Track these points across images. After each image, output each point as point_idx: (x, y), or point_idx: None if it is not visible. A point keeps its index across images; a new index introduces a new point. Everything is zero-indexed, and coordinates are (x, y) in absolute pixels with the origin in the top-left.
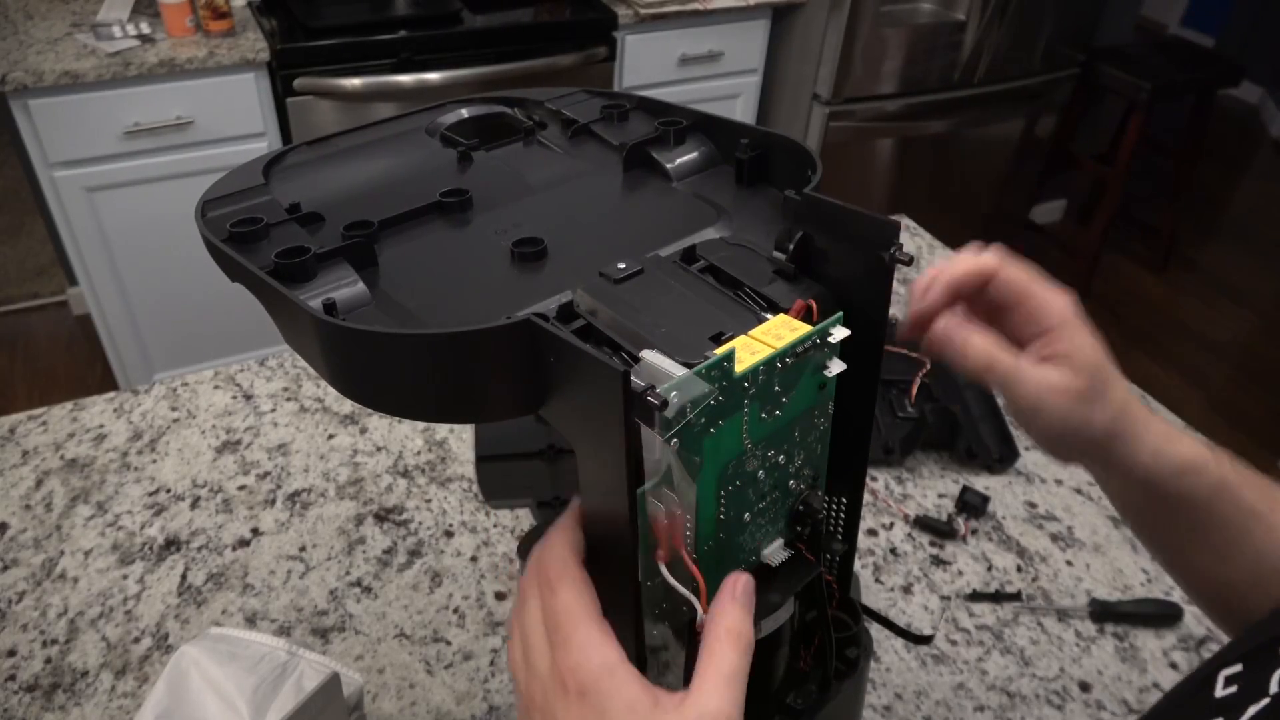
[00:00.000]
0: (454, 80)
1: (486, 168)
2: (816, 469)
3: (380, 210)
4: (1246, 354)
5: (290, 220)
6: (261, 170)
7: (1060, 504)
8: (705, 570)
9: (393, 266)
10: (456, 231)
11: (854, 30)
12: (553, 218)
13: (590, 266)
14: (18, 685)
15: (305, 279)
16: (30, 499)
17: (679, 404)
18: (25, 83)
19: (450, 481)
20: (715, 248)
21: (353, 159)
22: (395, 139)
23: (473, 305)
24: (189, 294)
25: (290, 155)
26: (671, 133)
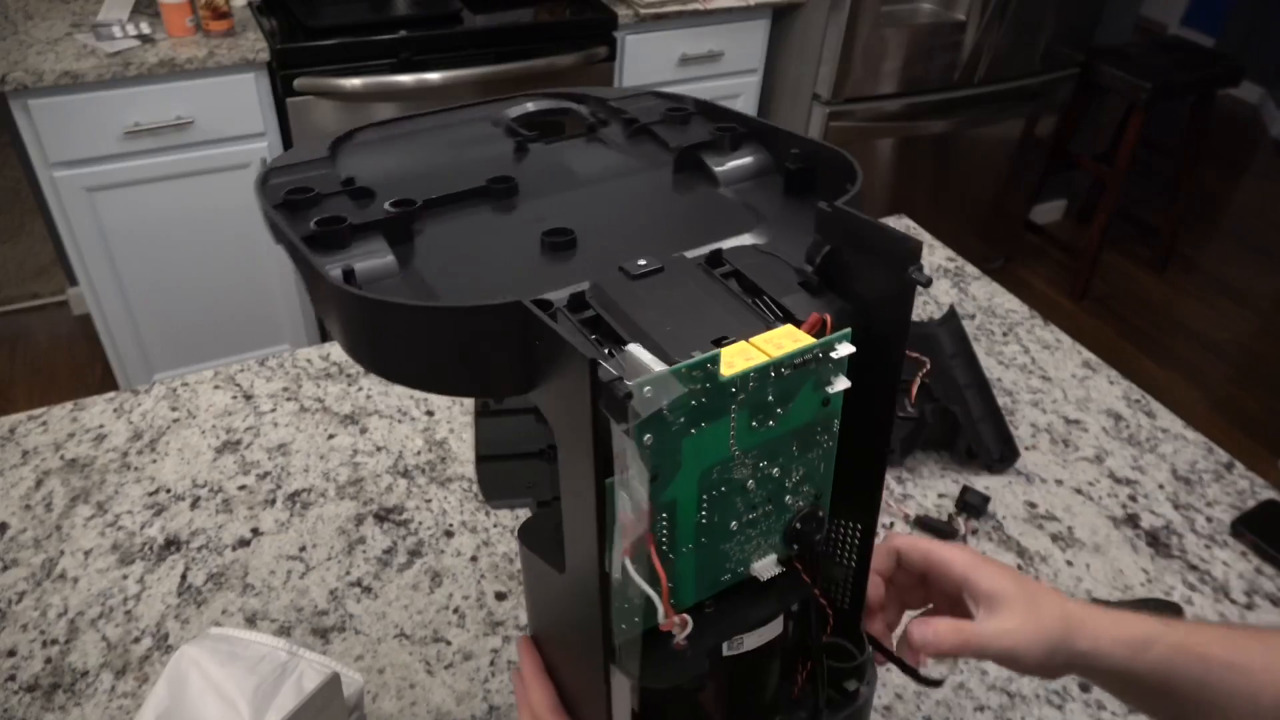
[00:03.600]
0: (454, 80)
1: (541, 159)
2: (819, 488)
3: (430, 191)
4: (1246, 354)
5: (342, 193)
6: (329, 145)
7: (1060, 504)
8: (685, 572)
9: (430, 244)
10: (498, 217)
11: (854, 30)
12: (592, 211)
13: (617, 260)
14: (18, 685)
15: (340, 247)
16: (30, 499)
17: (653, 399)
18: (25, 83)
19: (450, 481)
20: (744, 254)
21: (416, 141)
22: (460, 125)
23: (493, 286)
24: (189, 294)
25: (359, 134)
26: (727, 138)
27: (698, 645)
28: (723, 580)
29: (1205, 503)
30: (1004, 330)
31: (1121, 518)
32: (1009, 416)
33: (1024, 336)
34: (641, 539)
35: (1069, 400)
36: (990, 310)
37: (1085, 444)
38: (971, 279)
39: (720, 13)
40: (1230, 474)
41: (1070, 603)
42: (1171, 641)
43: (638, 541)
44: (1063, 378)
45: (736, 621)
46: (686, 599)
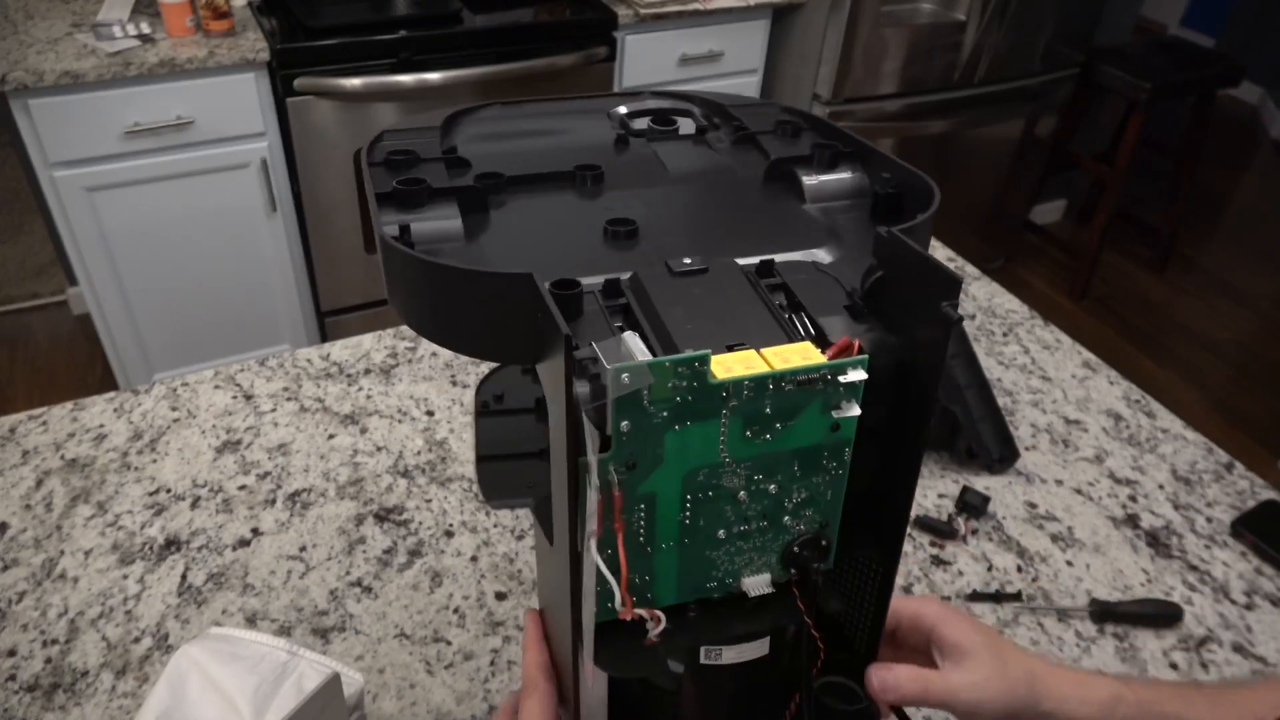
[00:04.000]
0: (454, 80)
1: (638, 154)
2: (825, 515)
3: (520, 169)
4: (1246, 354)
5: (440, 160)
6: (445, 118)
7: (1060, 504)
8: (665, 570)
9: (505, 218)
10: (577, 201)
11: (854, 30)
12: (668, 208)
13: (671, 256)
14: (18, 685)
15: (414, 207)
16: (30, 499)
17: (625, 384)
18: (25, 83)
19: (450, 481)
20: (799, 270)
21: (529, 123)
22: (577, 114)
23: (546, 262)
24: (189, 294)
25: (480, 110)
26: (827, 155)
27: (670, 645)
28: (709, 587)
29: (1205, 503)
30: (1004, 330)
31: (1121, 518)
32: (1009, 416)
33: (1024, 336)
34: (610, 522)
35: (1069, 400)
36: (990, 310)
37: (1085, 444)
38: (971, 279)
39: (720, 13)
40: (1230, 474)
41: (1036, 661)
42: (1133, 700)
43: (608, 524)
44: (1063, 378)
45: (717, 632)
46: (666, 597)
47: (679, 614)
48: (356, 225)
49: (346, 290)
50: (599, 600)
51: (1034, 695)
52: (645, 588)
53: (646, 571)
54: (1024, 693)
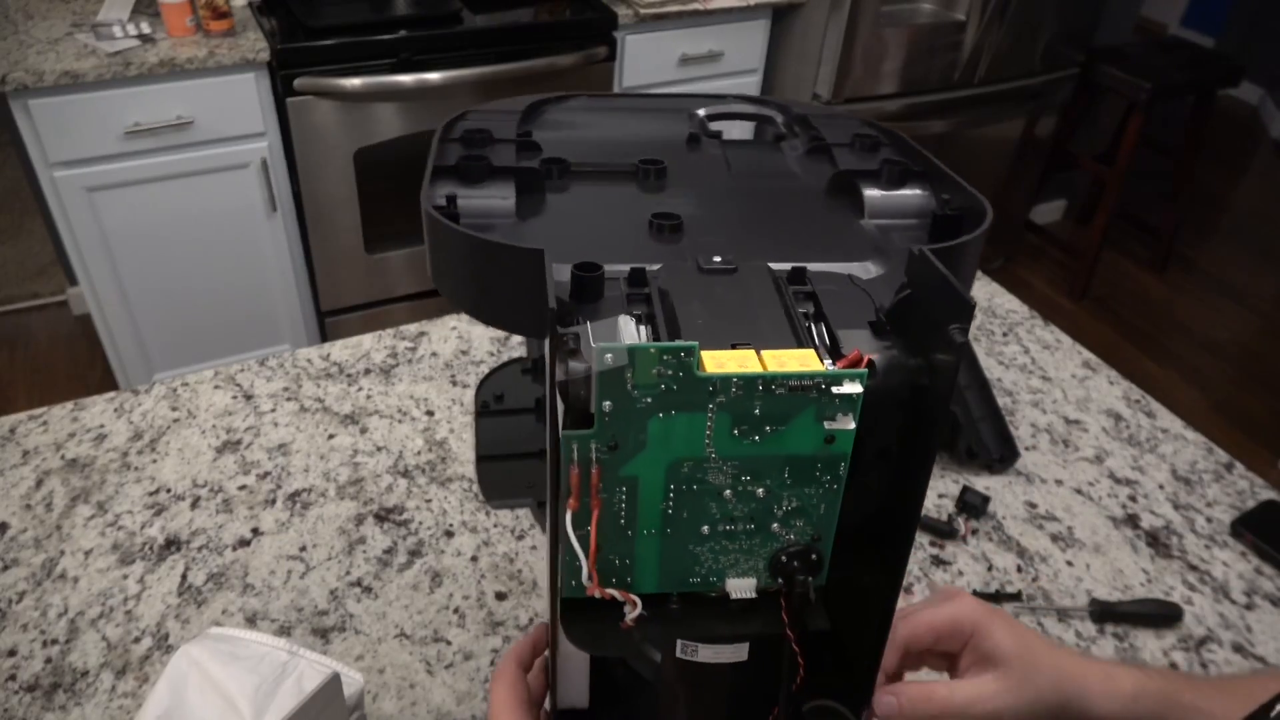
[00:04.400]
0: (454, 80)
1: (707, 155)
2: (818, 529)
3: (587, 157)
4: (1246, 354)
5: (513, 142)
6: (529, 104)
7: (1060, 504)
8: (646, 557)
9: (562, 202)
10: (635, 193)
11: (854, 30)
12: (722, 208)
13: (711, 254)
14: (18, 685)
15: (473, 182)
16: (30, 499)
17: (611, 364)
18: (25, 83)
19: (450, 481)
20: (833, 281)
21: (610, 116)
22: (658, 112)
23: (580, 246)
24: (189, 294)
25: (566, 100)
26: (895, 171)
27: (646, 632)
28: (691, 582)
29: (1205, 503)
30: (1004, 330)
31: (1121, 518)
32: (1009, 416)
33: (1024, 336)
34: (587, 499)
35: (1069, 400)
36: (990, 310)
37: (1085, 444)
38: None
39: (720, 13)
40: (1230, 474)
41: (1067, 659)
42: (1155, 691)
43: (585, 500)
44: (1063, 378)
45: (696, 629)
46: (646, 584)
47: (661, 604)
48: (357, 225)
49: (346, 290)
50: (571, 575)
51: (1061, 697)
52: (626, 571)
53: (627, 555)
54: (1051, 698)
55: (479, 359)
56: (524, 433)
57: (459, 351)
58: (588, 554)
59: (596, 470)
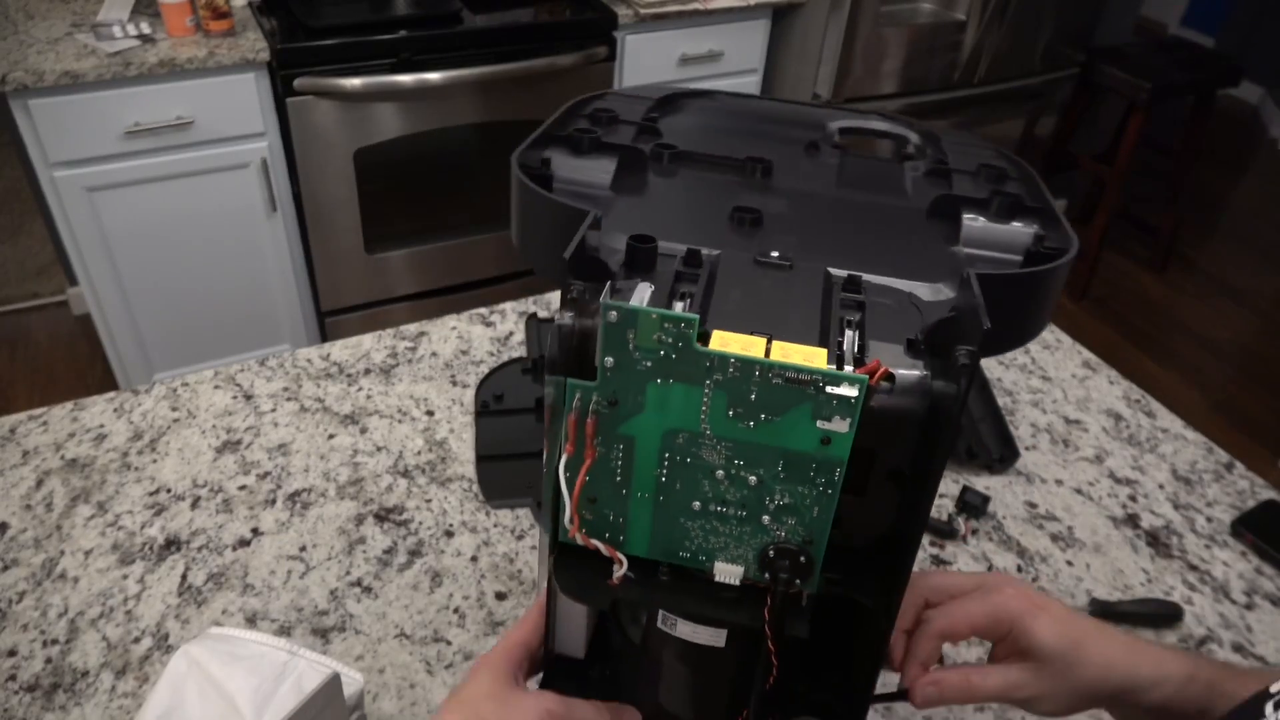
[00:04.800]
0: (454, 80)
1: (822, 162)
2: (810, 531)
3: (699, 147)
4: (1246, 354)
5: (634, 124)
6: (668, 95)
7: (1060, 504)
8: (639, 520)
9: (660, 183)
10: (735, 186)
11: (854, 30)
12: (814, 212)
13: (775, 249)
14: (18, 685)
15: (581, 152)
16: (30, 499)
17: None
18: (25, 83)
19: (450, 481)
20: (888, 295)
21: (742, 116)
22: (791, 118)
23: (654, 223)
24: (189, 294)
25: (707, 96)
26: (1004, 204)
27: (629, 591)
28: (681, 556)
29: (1205, 503)
30: None
31: (1121, 518)
32: (1009, 416)
33: None
34: (581, 447)
35: (1069, 400)
36: None
37: (1085, 444)
38: None
39: (720, 13)
40: (1230, 474)
41: (1117, 647)
42: (1204, 680)
43: (579, 447)
44: (1063, 378)
45: (677, 602)
46: (637, 547)
47: (652, 571)
48: (357, 225)
49: (346, 290)
50: (557, 516)
51: (1110, 688)
52: (619, 530)
53: (621, 514)
54: (1098, 688)
55: (479, 359)
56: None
57: (459, 351)
58: (585, 506)
59: (592, 421)
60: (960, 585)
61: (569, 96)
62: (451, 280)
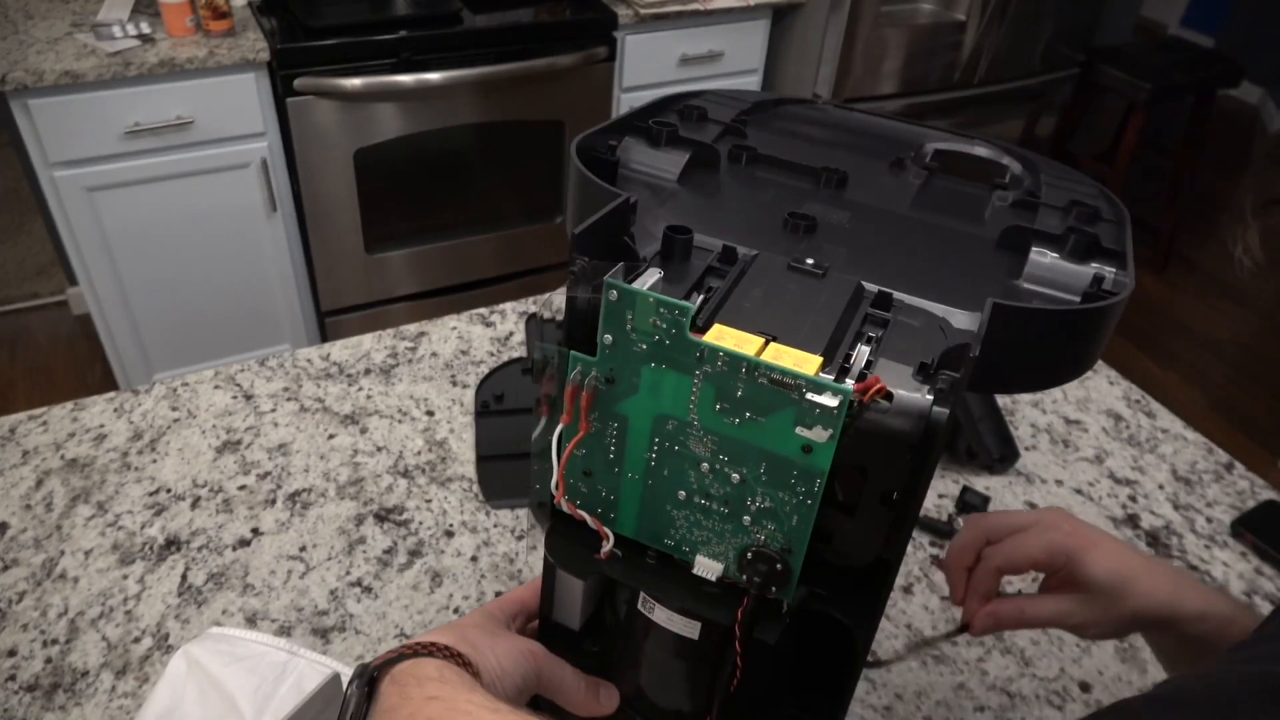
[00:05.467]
0: (454, 80)
1: (902, 180)
2: (789, 539)
3: (777, 153)
4: (1246, 354)
5: (720, 123)
6: (767, 100)
7: (1060, 504)
8: (628, 500)
9: (729, 181)
10: (803, 193)
11: (854, 30)
12: (876, 227)
13: (833, 259)
14: (18, 685)
15: (656, 143)
16: (30, 499)
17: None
18: (25, 83)
19: (450, 481)
20: (918, 317)
21: (836, 126)
22: (891, 136)
23: (708, 220)
24: (189, 294)
25: (810, 105)
26: (1080, 244)
27: (614, 569)
28: (666, 543)
29: (1205, 503)
30: None
31: (1121, 518)
32: (1009, 416)
33: None
34: (576, 418)
35: (1069, 400)
36: None
37: (1085, 444)
38: None
39: (720, 13)
40: (1230, 474)
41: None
42: (1244, 625)
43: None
44: None
45: (656, 586)
46: (625, 526)
47: (640, 553)
48: (357, 225)
49: (346, 290)
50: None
51: (1151, 617)
52: (610, 507)
53: (613, 491)
54: (1142, 617)
55: (479, 359)
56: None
57: (459, 351)
58: (573, 475)
59: (587, 395)
60: (1018, 523)
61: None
62: (451, 280)
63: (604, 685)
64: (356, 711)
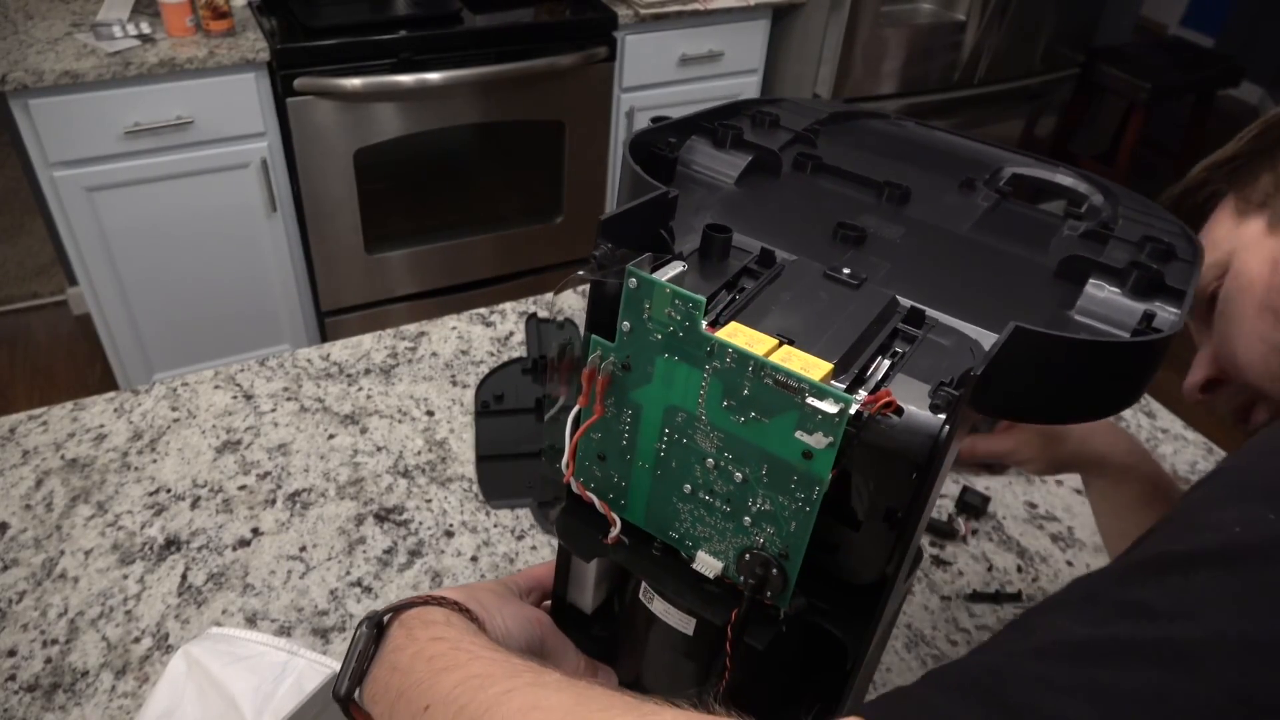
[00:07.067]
0: (454, 80)
1: (971, 203)
2: (786, 544)
3: (843, 164)
4: None
5: (788, 131)
6: (842, 110)
7: (1060, 504)
8: (638, 487)
9: (787, 186)
10: (862, 206)
11: (854, 30)
12: (930, 245)
13: (881, 273)
14: (18, 685)
15: (720, 144)
16: (30, 499)
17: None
18: (25, 83)
19: (450, 481)
20: (950, 336)
21: (913, 143)
22: (970, 157)
23: (757, 223)
24: (189, 294)
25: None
26: (1142, 282)
27: (618, 555)
28: (670, 535)
29: None
30: None
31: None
32: None
33: None
34: (592, 400)
35: None
36: None
37: None
38: None
39: (720, 13)
40: None
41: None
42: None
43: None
44: None
45: (659, 579)
46: (634, 515)
47: (647, 544)
48: (357, 225)
49: (346, 290)
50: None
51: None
52: (621, 493)
53: (624, 478)
54: (1077, 457)
55: (479, 359)
56: (524, 433)
57: (459, 351)
58: (583, 454)
59: (603, 380)
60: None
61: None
62: (451, 280)
63: (603, 668)
64: (365, 650)
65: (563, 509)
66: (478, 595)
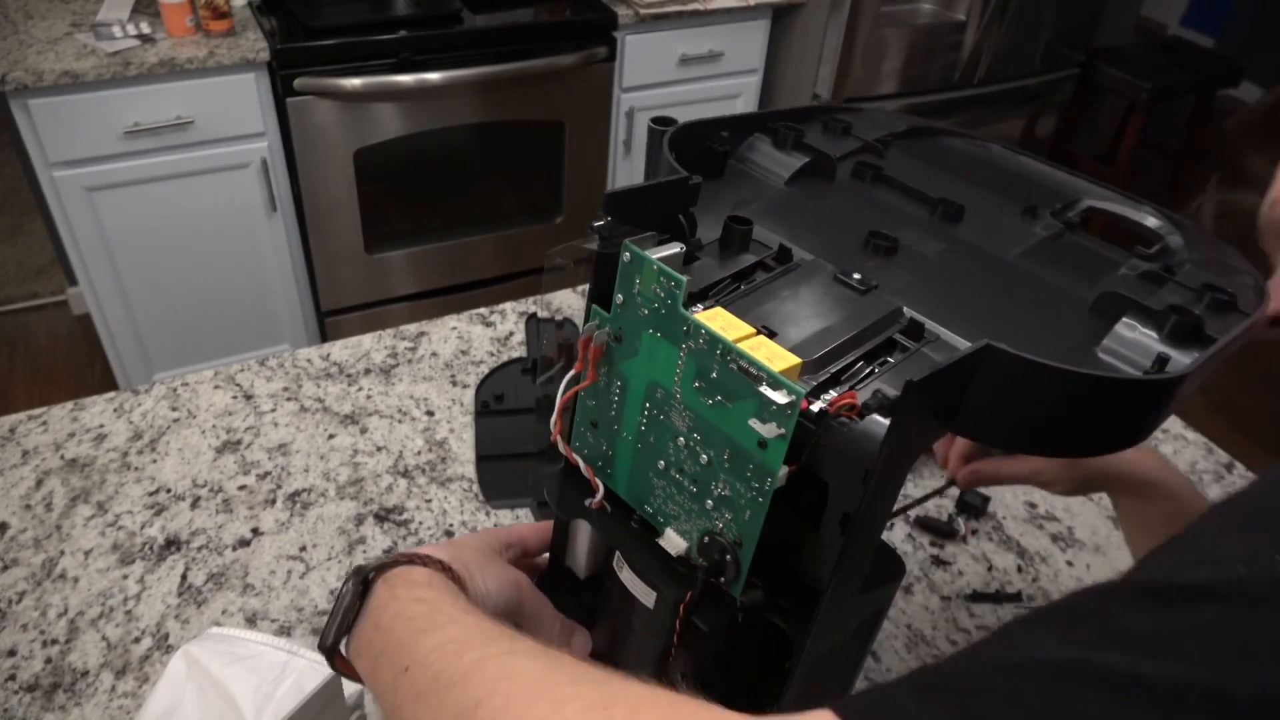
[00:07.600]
0: (454, 80)
1: (1028, 229)
2: (741, 531)
3: (903, 177)
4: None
5: (857, 140)
6: (921, 125)
7: (1060, 504)
8: (622, 458)
9: (840, 195)
10: (909, 219)
11: (854, 30)
12: (965, 265)
13: (905, 287)
14: (18, 685)
15: (780, 144)
16: (30, 499)
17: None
18: (25, 83)
19: (450, 481)
20: (946, 352)
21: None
22: (1046, 183)
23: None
24: (189, 294)
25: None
26: (1180, 328)
27: (598, 521)
28: (645, 510)
29: None
30: None
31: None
32: None
33: None
34: (586, 366)
35: None
36: None
37: None
38: None
39: (720, 13)
40: (1230, 474)
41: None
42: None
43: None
44: None
45: (633, 550)
46: (618, 485)
47: (627, 515)
48: (356, 225)
49: (346, 290)
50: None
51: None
52: (607, 462)
53: (611, 447)
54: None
55: (479, 359)
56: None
57: (459, 351)
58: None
59: (596, 349)
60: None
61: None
62: (451, 280)
63: (579, 631)
64: (350, 605)
65: (545, 467)
66: (461, 554)
